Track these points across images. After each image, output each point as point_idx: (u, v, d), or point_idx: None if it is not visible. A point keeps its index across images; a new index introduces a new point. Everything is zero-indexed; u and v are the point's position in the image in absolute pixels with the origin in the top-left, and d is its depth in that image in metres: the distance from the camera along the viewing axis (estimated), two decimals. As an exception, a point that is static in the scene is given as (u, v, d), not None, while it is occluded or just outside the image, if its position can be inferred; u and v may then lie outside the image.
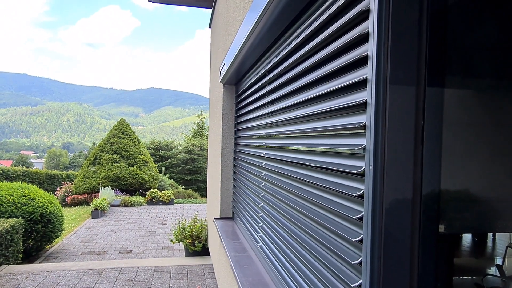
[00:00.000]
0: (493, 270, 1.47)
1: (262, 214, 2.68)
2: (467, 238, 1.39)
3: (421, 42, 1.01)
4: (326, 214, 1.49)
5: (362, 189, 1.14)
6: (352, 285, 1.18)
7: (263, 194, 2.67)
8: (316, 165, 1.61)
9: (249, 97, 3.33)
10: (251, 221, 3.11)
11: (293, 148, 2.01)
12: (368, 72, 1.09)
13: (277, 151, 2.37)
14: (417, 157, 1.01)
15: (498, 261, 1.44)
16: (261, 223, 2.68)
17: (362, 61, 1.17)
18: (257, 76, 2.95)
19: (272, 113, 2.50)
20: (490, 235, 1.45)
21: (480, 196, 1.19)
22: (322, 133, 1.56)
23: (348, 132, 1.30)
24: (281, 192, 2.19)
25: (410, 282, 1.01)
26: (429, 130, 1.02)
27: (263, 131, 2.78)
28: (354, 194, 1.18)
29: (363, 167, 1.13)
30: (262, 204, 2.69)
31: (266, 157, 2.62)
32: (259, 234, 2.73)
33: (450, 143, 1.08)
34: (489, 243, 1.45)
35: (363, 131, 1.15)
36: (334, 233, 1.40)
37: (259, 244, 2.72)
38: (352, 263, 1.18)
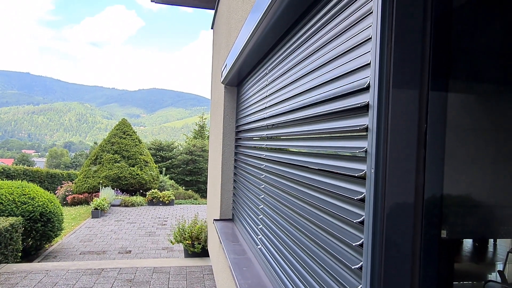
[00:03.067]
0: (494, 276, 1.45)
1: (262, 216, 2.67)
2: (468, 243, 1.38)
3: (424, 45, 0.99)
4: (327, 217, 1.47)
5: (363, 193, 1.13)
6: (352, 290, 1.17)
7: (263, 196, 2.65)
8: (316, 168, 1.60)
9: (250, 98, 3.32)
10: (250, 223, 3.09)
11: (294, 150, 1.99)
12: (370, 74, 1.07)
13: (277, 153, 2.35)
14: (420, 161, 1.00)
15: (499, 267, 1.42)
16: (261, 226, 2.67)
17: (364, 63, 1.16)
18: (259, 77, 2.94)
19: (273, 115, 2.49)
20: (491, 240, 1.43)
21: (483, 201, 1.17)
22: (323, 135, 1.54)
23: (349, 134, 1.28)
24: (281, 195, 2.17)
25: (411, 287, 1.00)
26: (432, 133, 1.01)
27: (264, 133, 2.76)
28: (355, 198, 1.17)
29: (364, 170, 1.12)
30: (262, 206, 2.67)
31: (267, 159, 2.61)
32: (259, 237, 2.72)
33: (453, 147, 1.06)
34: (490, 249, 1.43)
35: (365, 133, 1.14)
36: (334, 237, 1.39)
37: (258, 247, 2.70)
38: (352, 267, 1.17)
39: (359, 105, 1.16)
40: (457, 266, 1.33)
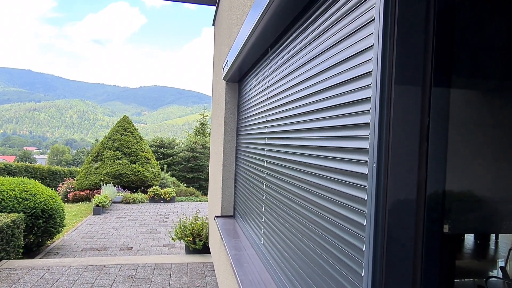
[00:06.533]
0: (495, 273, 1.45)
1: (263, 211, 2.66)
2: (470, 240, 1.37)
3: (427, 40, 0.99)
4: (328, 212, 1.47)
5: (365, 187, 1.12)
6: (354, 284, 1.16)
7: (265, 192, 2.65)
8: (318, 162, 1.59)
9: (252, 94, 3.31)
10: (253, 218, 3.09)
11: (295, 144, 1.98)
12: (373, 70, 1.07)
13: (279, 147, 2.35)
14: (422, 156, 0.99)
15: (501, 263, 1.42)
16: (263, 221, 2.67)
17: (367, 58, 1.15)
18: (260, 73, 2.93)
19: (274, 110, 2.48)
20: (492, 237, 1.43)
21: (485, 196, 1.17)
22: (325, 131, 1.54)
23: (351, 129, 1.27)
24: (282, 190, 2.17)
25: (413, 283, 0.99)
26: (434, 129, 1.00)
27: (265, 127, 2.76)
28: (357, 192, 1.16)
29: (366, 165, 1.11)
30: (264, 201, 2.67)
31: (268, 154, 2.60)
32: (262, 231, 2.72)
33: (456, 143, 1.06)
34: (492, 245, 1.43)
35: (367, 128, 1.13)
36: (336, 231, 1.38)
37: (261, 241, 2.70)
38: (355, 262, 1.16)
39: (361, 99, 1.15)
40: (459, 262, 1.32)
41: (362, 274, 1.10)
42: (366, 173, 1.11)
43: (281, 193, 2.18)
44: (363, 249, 1.11)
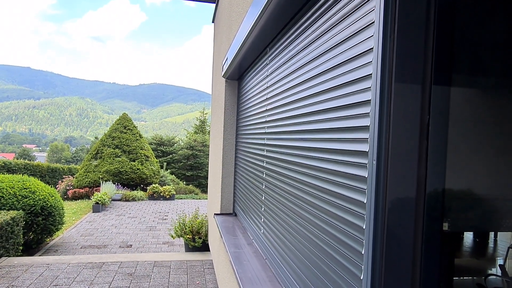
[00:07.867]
0: (494, 271, 1.45)
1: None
2: (469, 238, 1.37)
3: (427, 38, 0.98)
4: (328, 209, 1.46)
5: (365, 185, 1.12)
6: (354, 281, 1.16)
7: (264, 188, 2.65)
8: (318, 158, 1.59)
9: (251, 92, 3.30)
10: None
11: (295, 139, 1.98)
12: (372, 66, 1.06)
13: (279, 141, 2.34)
14: (422, 154, 0.99)
15: (500, 261, 1.42)
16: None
17: (367, 56, 1.14)
18: (259, 70, 2.93)
19: (274, 107, 2.48)
20: (491, 235, 1.43)
21: (485, 194, 1.16)
22: (325, 128, 1.53)
23: (351, 126, 1.27)
24: (283, 187, 2.17)
25: (412, 281, 0.99)
26: (434, 127, 1.00)
27: (265, 127, 2.76)
28: (357, 190, 1.16)
29: (366, 162, 1.11)
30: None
31: (268, 150, 2.60)
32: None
33: (456, 140, 1.05)
34: (491, 244, 1.43)
35: (367, 125, 1.13)
36: (336, 229, 1.38)
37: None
38: (354, 259, 1.16)
39: (361, 97, 1.15)
40: (458, 260, 1.32)
41: (362, 271, 1.10)
42: (366, 171, 1.11)
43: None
44: (363, 246, 1.11)
